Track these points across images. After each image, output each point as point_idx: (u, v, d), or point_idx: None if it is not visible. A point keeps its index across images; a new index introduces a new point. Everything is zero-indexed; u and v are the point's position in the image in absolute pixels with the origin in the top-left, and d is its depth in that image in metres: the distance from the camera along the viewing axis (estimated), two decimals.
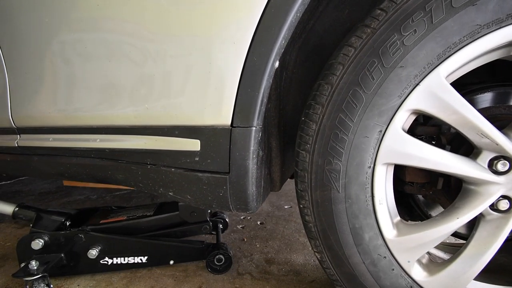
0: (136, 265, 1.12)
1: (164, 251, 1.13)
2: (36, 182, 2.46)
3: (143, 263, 1.12)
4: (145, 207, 1.27)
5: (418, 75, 0.62)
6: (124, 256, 1.10)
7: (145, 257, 1.11)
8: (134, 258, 1.11)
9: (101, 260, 1.09)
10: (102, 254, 1.08)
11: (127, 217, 1.18)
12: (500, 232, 0.68)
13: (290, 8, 0.63)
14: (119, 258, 1.10)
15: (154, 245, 1.12)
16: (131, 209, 1.28)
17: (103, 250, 1.08)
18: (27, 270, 0.96)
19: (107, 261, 1.09)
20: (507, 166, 0.65)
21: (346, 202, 0.70)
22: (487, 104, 0.80)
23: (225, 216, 1.41)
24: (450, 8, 0.58)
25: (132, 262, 1.11)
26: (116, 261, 1.10)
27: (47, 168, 1.04)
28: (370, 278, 0.74)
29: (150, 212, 1.19)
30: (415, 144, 0.66)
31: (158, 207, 1.24)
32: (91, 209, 1.28)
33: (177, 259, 1.14)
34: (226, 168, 0.73)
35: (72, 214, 1.16)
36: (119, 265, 1.10)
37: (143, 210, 1.23)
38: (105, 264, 1.09)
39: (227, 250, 1.14)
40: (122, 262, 1.10)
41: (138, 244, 1.11)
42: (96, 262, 1.08)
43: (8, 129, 1.05)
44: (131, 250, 1.11)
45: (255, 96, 0.67)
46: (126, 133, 0.83)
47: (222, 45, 0.67)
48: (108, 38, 0.79)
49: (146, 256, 1.11)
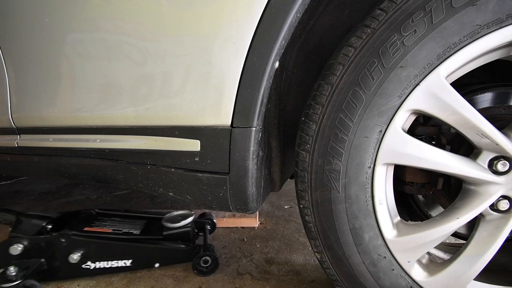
0: (120, 269, 1.09)
1: (148, 254, 1.10)
2: (36, 182, 2.46)
3: (127, 266, 1.09)
4: (132, 222, 1.25)
5: (418, 75, 0.62)
6: (107, 260, 1.08)
7: (129, 261, 1.09)
8: (117, 262, 1.08)
9: (83, 265, 1.06)
10: (84, 259, 1.06)
11: (113, 230, 1.15)
12: (500, 232, 0.68)
13: (290, 8, 0.63)
14: (102, 262, 1.07)
15: (138, 248, 1.10)
16: (117, 219, 1.25)
17: (85, 254, 1.05)
18: (5, 276, 0.93)
19: (89, 265, 1.07)
20: (507, 166, 0.65)
21: (346, 202, 0.70)
22: (487, 104, 0.80)
23: (213, 217, 1.39)
24: (450, 8, 0.58)
25: (115, 266, 1.08)
26: (99, 266, 1.07)
27: (47, 168, 1.04)
28: (370, 278, 0.74)
29: (137, 231, 1.17)
30: (415, 144, 0.66)
31: (145, 226, 1.22)
32: (75, 213, 1.26)
33: (163, 261, 1.13)
34: (226, 169, 0.73)
35: (54, 217, 1.14)
36: (102, 269, 1.08)
37: (130, 226, 1.20)
38: (88, 268, 1.07)
39: (214, 252, 1.13)
40: (105, 266, 1.08)
41: (122, 248, 1.09)
42: (78, 266, 1.05)
43: (8, 129, 1.05)
44: (114, 254, 1.08)
45: (255, 96, 0.67)
46: (126, 133, 0.83)
47: (222, 45, 0.67)
48: (108, 38, 0.79)
49: (131, 259, 1.09)
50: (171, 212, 1.26)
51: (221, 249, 1.30)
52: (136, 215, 1.32)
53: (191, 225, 1.18)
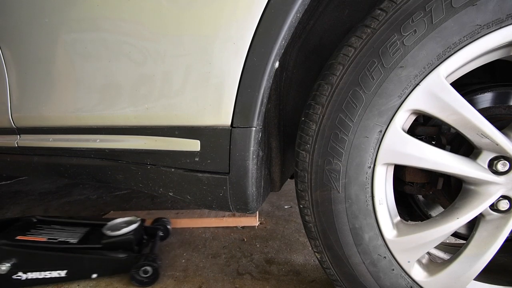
0: (53, 280, 1.04)
1: (84, 264, 1.05)
2: (36, 182, 2.46)
3: (61, 277, 1.04)
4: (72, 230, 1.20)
5: (418, 75, 0.62)
6: (39, 270, 1.03)
7: (63, 271, 1.04)
8: (51, 273, 1.04)
9: (14, 276, 1.01)
10: (15, 269, 1.00)
11: (48, 239, 1.10)
12: (500, 232, 0.68)
13: (290, 8, 0.63)
14: (34, 273, 1.02)
15: (73, 258, 1.05)
16: (57, 227, 1.21)
17: (16, 264, 1.00)
18: None
19: (20, 276, 1.01)
20: (507, 166, 0.65)
21: (346, 202, 0.70)
22: (487, 104, 0.80)
23: (168, 223, 1.34)
24: (450, 8, 0.58)
25: (49, 277, 1.04)
26: (31, 276, 1.02)
27: (47, 168, 1.04)
28: (370, 278, 0.74)
29: (75, 239, 1.12)
30: (415, 144, 0.66)
31: (85, 234, 1.17)
32: (13, 220, 1.21)
33: (100, 272, 1.07)
34: (226, 169, 0.73)
35: None
36: (35, 280, 1.03)
37: (69, 234, 1.16)
38: (19, 279, 1.01)
39: (155, 261, 1.06)
40: (38, 277, 1.03)
41: (55, 258, 1.04)
42: (8, 277, 1.00)
43: (8, 129, 1.05)
44: (47, 264, 1.03)
45: (255, 96, 0.67)
46: (126, 133, 0.84)
47: (222, 45, 0.67)
48: (108, 38, 0.79)
49: (66, 270, 1.04)
50: (115, 219, 1.21)
51: (221, 249, 1.30)
52: (80, 222, 1.28)
53: (134, 233, 1.13)
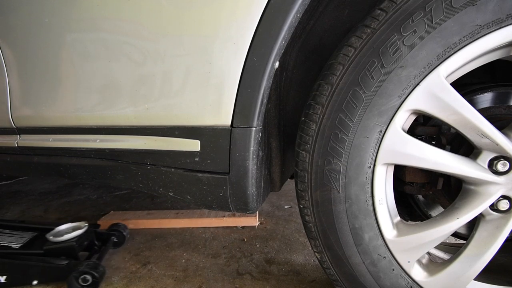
0: None
1: (24, 270, 1.03)
2: (36, 182, 2.46)
3: (1, 283, 1.02)
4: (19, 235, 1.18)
5: (418, 75, 0.62)
6: None
7: (3, 277, 1.02)
8: None
9: None
10: None
11: None
12: (500, 232, 0.68)
13: (290, 8, 0.63)
14: None
15: (14, 265, 1.02)
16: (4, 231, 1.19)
17: None
18: None
19: None
20: (507, 166, 0.65)
21: (346, 202, 0.70)
22: (487, 104, 0.80)
23: (124, 229, 1.32)
24: (450, 8, 0.58)
25: None
26: None
27: (47, 168, 1.04)
28: (370, 278, 0.74)
29: (18, 244, 1.10)
30: (415, 144, 0.66)
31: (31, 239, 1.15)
32: None
33: (41, 278, 1.05)
34: (226, 169, 0.73)
35: None
36: None
37: (14, 239, 1.13)
38: None
39: (97, 268, 1.02)
40: None
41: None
42: None
43: (8, 129, 1.05)
44: None
45: (255, 97, 0.67)
46: (126, 133, 0.84)
47: (222, 45, 0.67)
48: (108, 38, 0.79)
49: (5, 275, 1.02)
50: (64, 224, 1.20)
51: (221, 249, 1.30)
52: (29, 227, 1.26)
53: (78, 239, 1.11)
